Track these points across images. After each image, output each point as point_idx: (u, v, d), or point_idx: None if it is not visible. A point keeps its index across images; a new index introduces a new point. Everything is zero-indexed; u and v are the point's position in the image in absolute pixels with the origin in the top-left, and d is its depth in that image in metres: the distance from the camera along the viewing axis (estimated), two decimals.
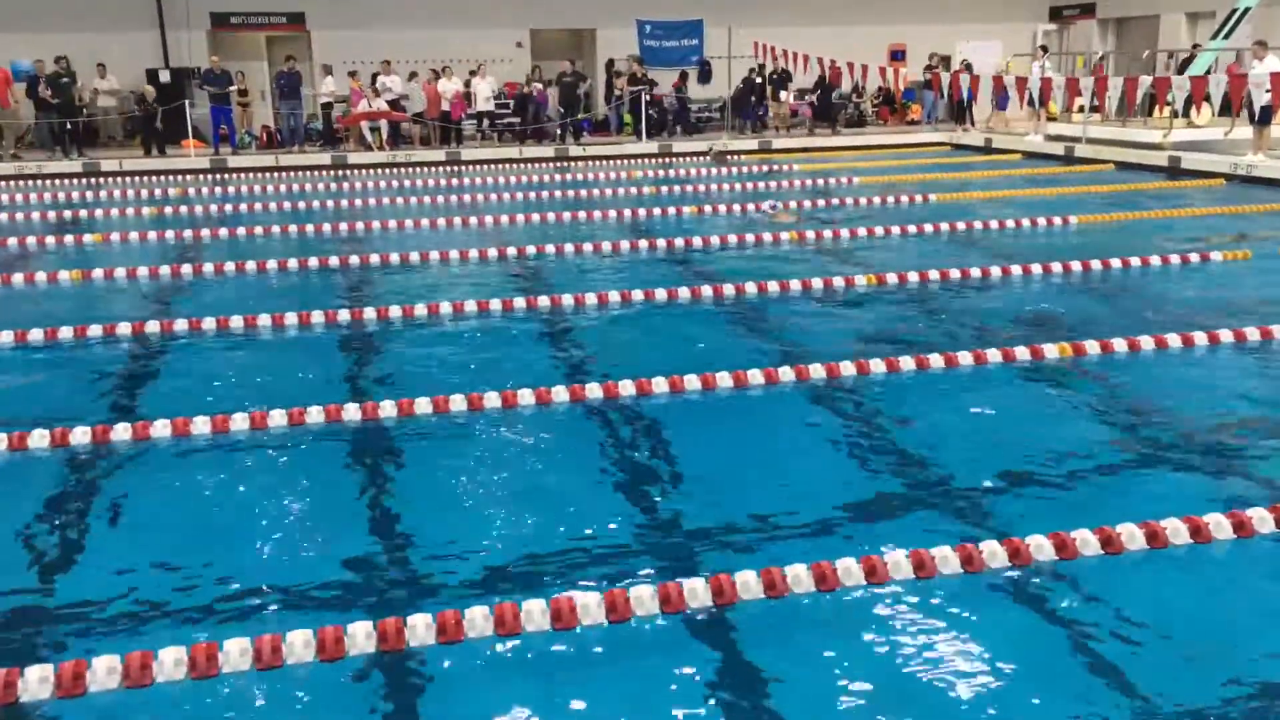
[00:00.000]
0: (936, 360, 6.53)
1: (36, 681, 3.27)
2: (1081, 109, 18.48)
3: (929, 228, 11.36)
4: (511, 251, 10.38)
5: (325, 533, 4.46)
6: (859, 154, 19.96)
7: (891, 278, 8.84)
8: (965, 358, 6.57)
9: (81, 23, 20.76)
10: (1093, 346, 6.75)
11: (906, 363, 6.48)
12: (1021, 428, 5.61)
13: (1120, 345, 6.79)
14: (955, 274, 8.96)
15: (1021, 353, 6.65)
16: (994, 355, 6.60)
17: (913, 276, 8.87)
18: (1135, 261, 9.34)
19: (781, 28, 22.49)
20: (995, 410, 5.91)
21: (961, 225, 11.45)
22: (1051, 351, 6.69)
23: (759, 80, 22.26)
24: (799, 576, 3.79)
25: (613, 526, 4.48)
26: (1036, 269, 9.14)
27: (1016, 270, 9.11)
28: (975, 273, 8.99)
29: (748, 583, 3.75)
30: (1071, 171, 16.58)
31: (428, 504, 4.74)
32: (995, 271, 9.04)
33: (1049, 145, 18.87)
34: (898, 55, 24.51)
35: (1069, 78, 19.01)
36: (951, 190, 14.51)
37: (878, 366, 6.43)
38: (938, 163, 18.41)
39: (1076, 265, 9.21)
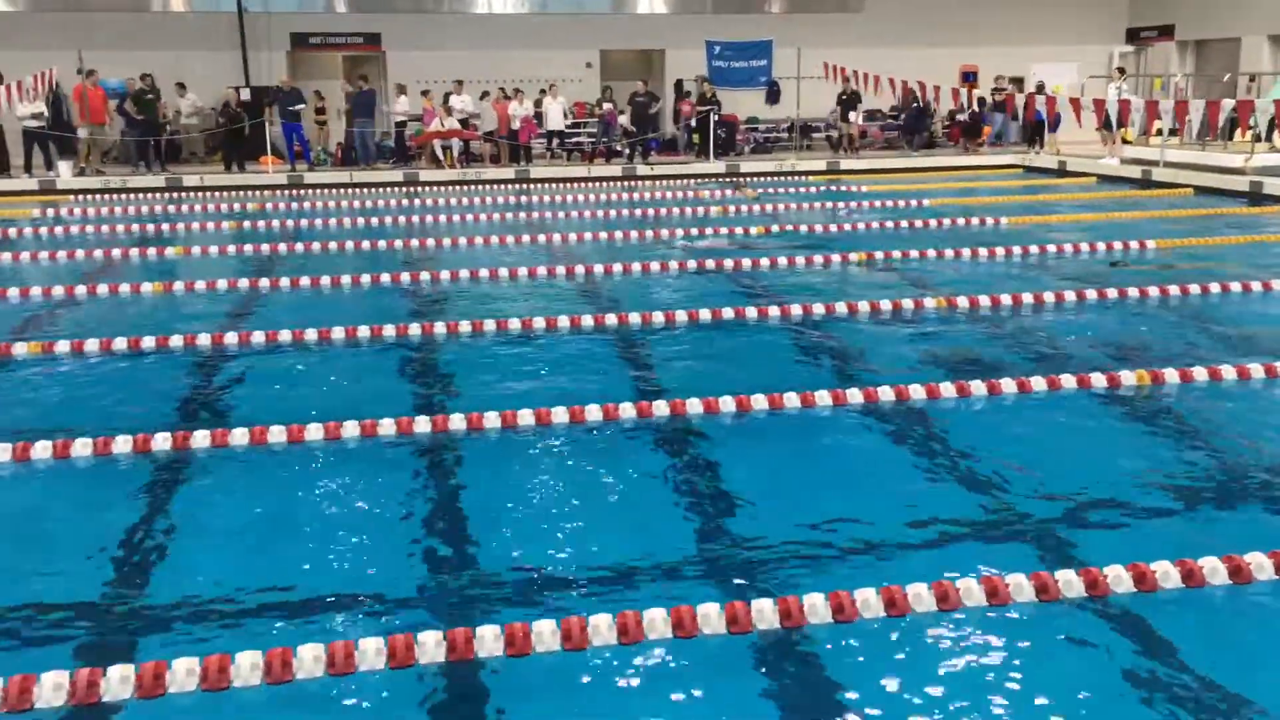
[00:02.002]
0: (1009, 385, 6.43)
1: (118, 681, 3.35)
2: (1160, 132, 18.12)
3: (1000, 250, 11.21)
4: (579, 269, 10.46)
5: (395, 542, 4.53)
6: (928, 175, 19.78)
7: (962, 301, 8.73)
8: (1039, 383, 6.45)
9: (168, 42, 21.48)
10: (1172, 374, 6.59)
11: (978, 386, 6.39)
12: (1098, 455, 5.49)
13: (1200, 374, 6.63)
14: (1028, 297, 8.82)
15: (1098, 379, 6.52)
16: (1069, 381, 6.48)
17: (984, 300, 8.75)
18: (1215, 288, 9.12)
19: (851, 49, 22.44)
20: (1070, 437, 5.80)
21: (1034, 248, 11.27)
22: (1129, 378, 6.55)
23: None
24: (868, 601, 3.75)
25: (679, 544, 4.47)
26: (1112, 294, 8.97)
27: (1091, 295, 8.95)
28: (1049, 297, 8.85)
29: (815, 605, 3.73)
30: (1148, 196, 16.24)
31: (495, 516, 4.78)
32: (1070, 296, 8.89)
33: (1125, 169, 18.52)
34: (969, 77, 24.28)
35: (1147, 100, 18.65)
36: (1024, 213, 14.31)
37: (948, 390, 6.35)
38: (1010, 185, 18.17)
39: (1154, 291, 9.01)
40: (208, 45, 21.86)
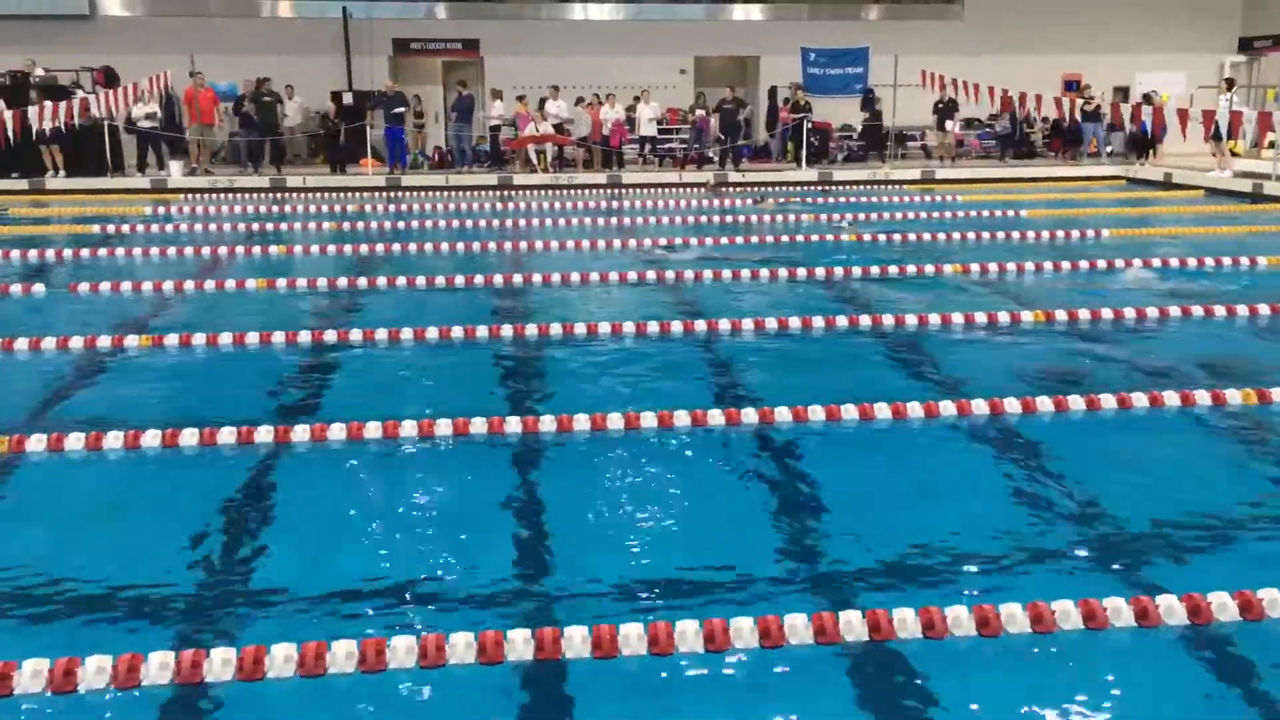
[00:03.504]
0: (1108, 401, 6.25)
1: (220, 664, 3.47)
2: (1272, 145, 17.45)
3: (1102, 263, 10.92)
4: (669, 274, 10.48)
5: (484, 539, 4.60)
6: (1027, 186, 19.36)
7: (1061, 314, 8.53)
8: (1140, 399, 6.27)
9: (276, 47, 22.18)
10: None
11: (1076, 402, 6.23)
12: (1202, 476, 5.32)
13: None
14: (1129, 312, 8.57)
15: (1201, 397, 6.31)
16: (1171, 398, 6.29)
17: (1083, 313, 8.54)
18: None
19: (949, 56, 22.09)
20: (1173, 456, 5.63)
21: (1137, 262, 10.96)
22: (1235, 397, 6.32)
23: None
24: (959, 618, 3.69)
25: (765, 552, 4.46)
26: (1219, 310, 8.66)
27: (1197, 310, 8.66)
28: (1152, 311, 8.59)
29: (905, 620, 3.68)
30: (1259, 210, 15.65)
31: (584, 518, 4.83)
32: (1174, 311, 8.62)
33: (1235, 182, 17.87)
34: (1072, 86, 23.71)
35: (1261, 111, 17.98)
36: (1127, 226, 13.91)
37: (1045, 405, 6.21)
38: (1112, 197, 17.69)
39: (1264, 308, 8.68)
40: (313, 50, 22.50)
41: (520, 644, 3.56)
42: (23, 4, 22.19)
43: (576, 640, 3.58)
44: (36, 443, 5.60)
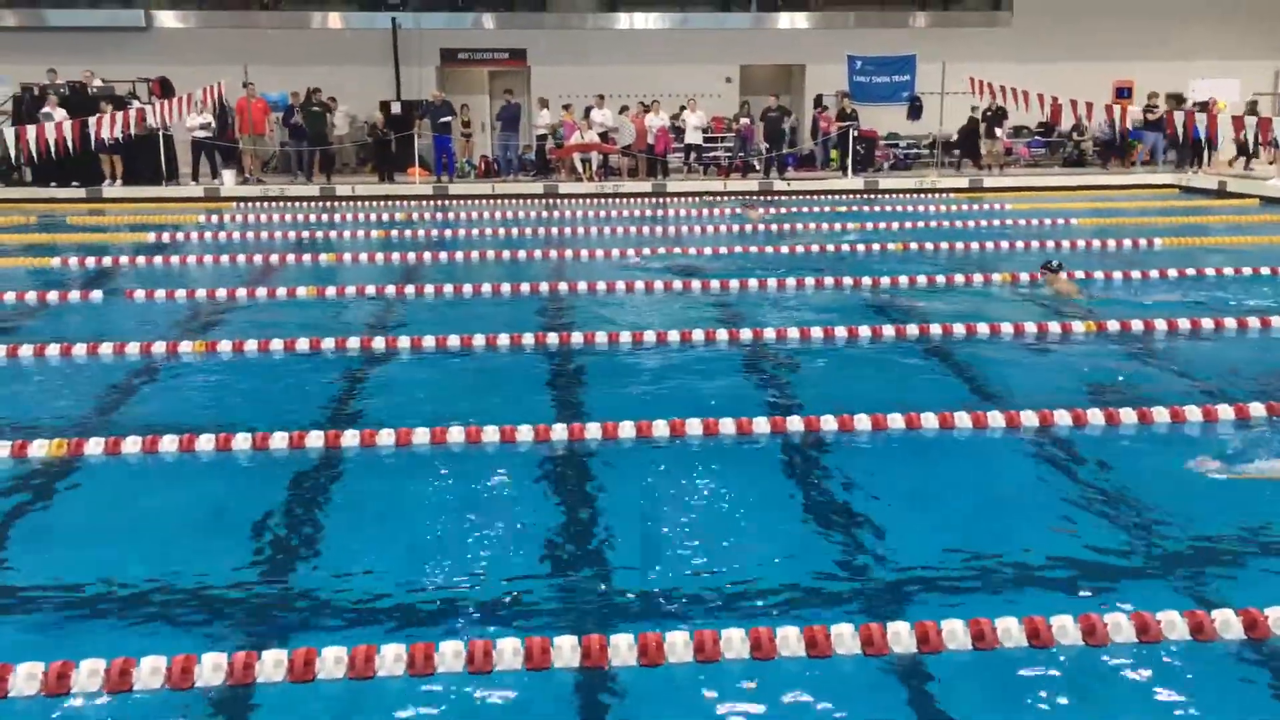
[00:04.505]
0: (1160, 414, 6.16)
1: (272, 665, 3.53)
2: None
3: (1154, 273, 10.75)
4: (714, 283, 10.48)
5: (531, 546, 4.62)
6: (1077, 194, 19.11)
7: (1113, 324, 8.41)
8: (1193, 412, 6.17)
9: (326, 58, 22.49)
10: None
11: (1127, 414, 6.14)
12: (1259, 490, 5.22)
13: None
14: (1184, 323, 8.43)
15: (1256, 409, 6.20)
16: (1225, 412, 6.18)
17: (1136, 324, 8.41)
18: None
19: (998, 63, 21.87)
20: (1229, 469, 5.52)
21: (1191, 271, 10.77)
22: None
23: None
24: (1009, 630, 3.65)
25: (811, 561, 4.45)
26: (1276, 321, 8.49)
27: (1254, 323, 8.49)
28: (1207, 323, 8.44)
29: (954, 632, 3.65)
30: None
31: (629, 526, 4.84)
32: (1230, 323, 8.47)
33: None
34: (1123, 93, 23.39)
35: None
36: (1180, 235, 13.69)
37: (1095, 417, 6.12)
38: (1165, 206, 17.40)
39: None
40: (362, 61, 22.79)
41: (567, 651, 3.58)
42: (80, 17, 22.74)
43: (623, 647, 3.60)
44: (95, 445, 5.72)
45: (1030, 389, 6.87)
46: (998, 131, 21.64)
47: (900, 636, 3.64)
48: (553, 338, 8.19)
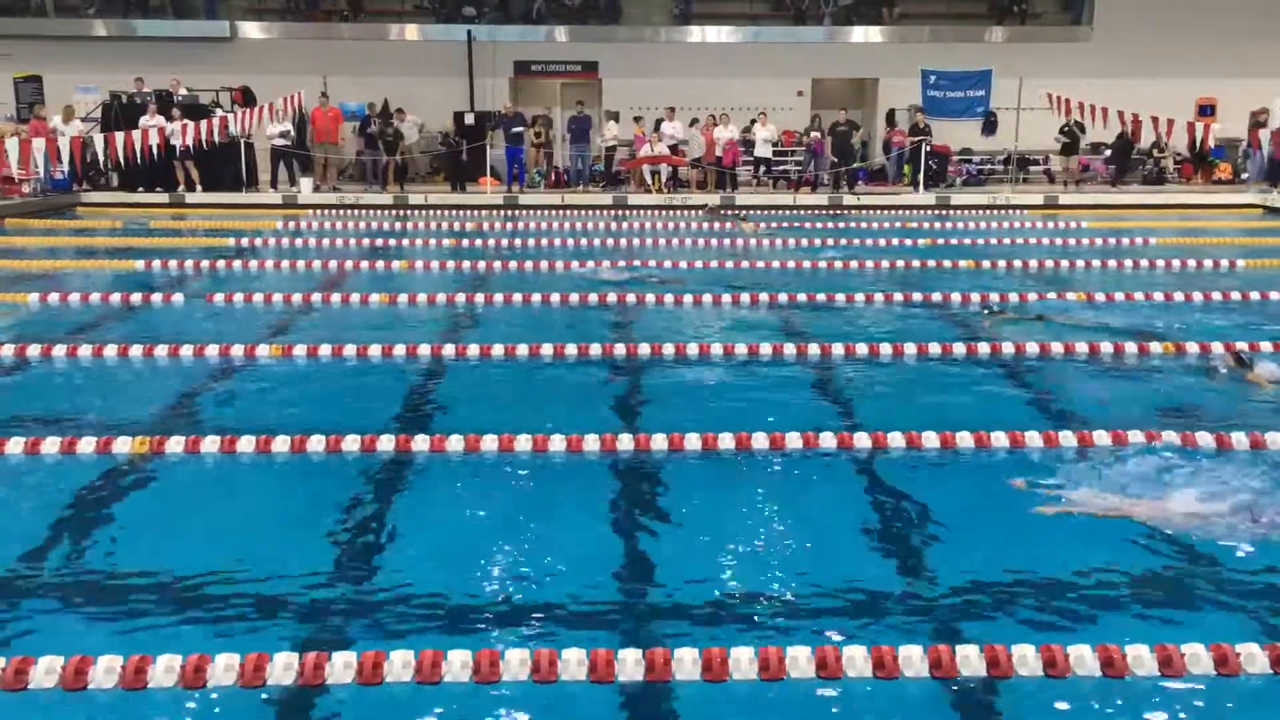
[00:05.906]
0: (1240, 439, 5.99)
1: (342, 667, 3.59)
2: None
3: (1236, 295, 10.46)
4: (782, 297, 10.43)
5: (595, 555, 4.64)
6: (1156, 213, 18.68)
7: (1192, 346, 8.20)
8: (1274, 439, 5.99)
9: (403, 69, 22.92)
10: None
11: (1204, 438, 5.99)
12: None
13: None
14: (1267, 345, 8.19)
15: None
16: None
17: (1216, 347, 8.19)
18: None
19: (1077, 79, 21.48)
20: None
21: (1275, 294, 10.46)
22: None
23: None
24: (1082, 658, 3.57)
25: (879, 580, 4.40)
26: None
27: None
28: None
29: (1025, 657, 3.58)
30: None
31: (694, 538, 4.84)
32: None
33: None
34: (1206, 110, 22.82)
35: None
36: (1266, 256, 13.30)
37: (1170, 438, 5.98)
38: (1248, 226, 16.95)
39: None
40: (438, 72, 23.18)
41: (631, 664, 3.58)
42: (167, 28, 23.46)
43: (687, 662, 3.59)
44: (175, 444, 5.88)
45: (1104, 410, 6.73)
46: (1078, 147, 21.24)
47: (969, 660, 3.58)
48: (620, 348, 8.21)
